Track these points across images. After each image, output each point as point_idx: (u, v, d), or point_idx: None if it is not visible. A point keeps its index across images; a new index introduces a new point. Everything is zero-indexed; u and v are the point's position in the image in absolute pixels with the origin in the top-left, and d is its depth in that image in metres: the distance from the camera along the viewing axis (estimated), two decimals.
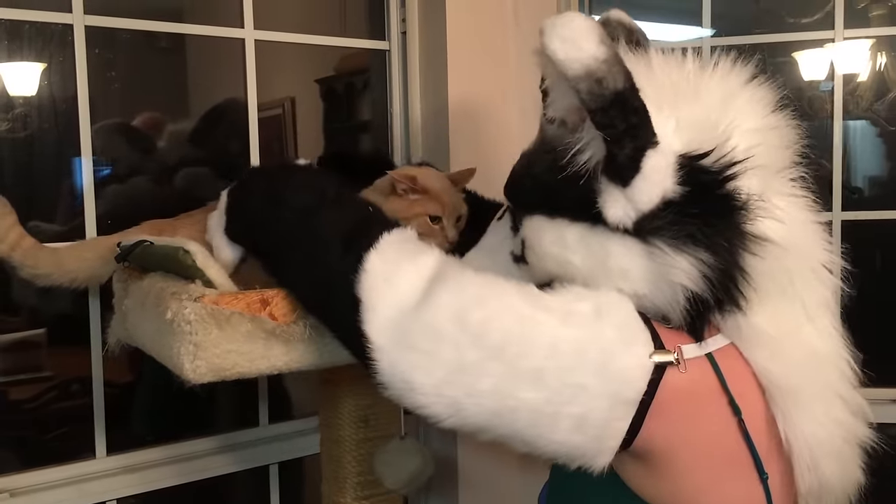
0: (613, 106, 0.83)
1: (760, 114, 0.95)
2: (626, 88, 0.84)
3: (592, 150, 0.88)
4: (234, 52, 1.62)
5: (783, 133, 0.96)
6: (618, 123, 0.84)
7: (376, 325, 0.92)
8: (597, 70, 0.82)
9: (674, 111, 0.90)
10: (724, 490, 0.91)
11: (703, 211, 0.86)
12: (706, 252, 0.86)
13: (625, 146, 0.85)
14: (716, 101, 0.92)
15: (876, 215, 1.86)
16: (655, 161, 0.86)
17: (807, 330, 0.94)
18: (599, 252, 0.90)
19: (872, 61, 1.88)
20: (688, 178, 0.86)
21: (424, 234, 1.19)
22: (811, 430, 0.91)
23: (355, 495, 1.45)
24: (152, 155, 1.70)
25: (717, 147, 0.87)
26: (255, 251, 1.11)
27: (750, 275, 0.88)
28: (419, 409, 0.90)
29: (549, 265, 0.97)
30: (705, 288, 0.86)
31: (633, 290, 0.90)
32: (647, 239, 0.87)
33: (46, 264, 1.26)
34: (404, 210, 1.20)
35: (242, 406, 1.72)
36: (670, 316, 0.90)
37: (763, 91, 0.96)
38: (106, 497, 1.49)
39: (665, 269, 0.87)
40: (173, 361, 1.03)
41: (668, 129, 0.88)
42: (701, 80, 0.94)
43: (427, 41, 1.75)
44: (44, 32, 1.45)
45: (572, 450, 0.88)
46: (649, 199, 0.86)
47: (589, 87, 0.83)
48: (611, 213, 0.88)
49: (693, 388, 0.89)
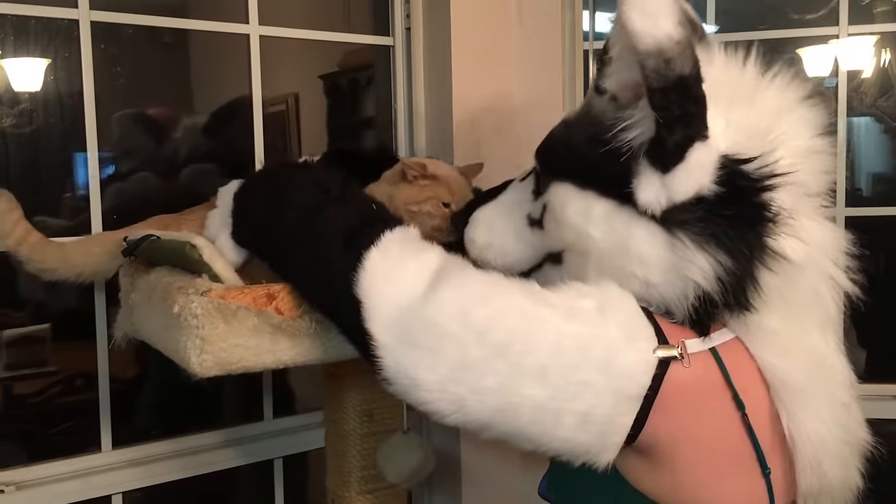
0: (675, 89, 0.83)
1: (809, 134, 0.94)
2: (692, 75, 0.83)
3: (641, 129, 0.88)
4: (239, 48, 1.63)
5: (825, 159, 0.96)
6: (675, 108, 0.84)
7: (379, 322, 0.92)
8: (668, 50, 0.82)
9: (726, 112, 0.89)
10: (725, 485, 0.91)
11: (733, 215, 0.86)
12: (726, 255, 0.85)
13: (676, 132, 0.85)
14: (770, 111, 0.92)
15: (879, 212, 1.86)
16: (701, 155, 0.86)
17: (811, 337, 0.94)
18: (622, 231, 0.90)
19: (877, 58, 1.88)
20: (726, 180, 0.86)
21: (435, 217, 1.21)
22: (815, 428, 0.91)
23: (359, 489, 1.45)
24: (165, 148, 1.70)
25: (762, 155, 0.87)
26: (261, 254, 1.12)
27: (761, 287, 0.88)
28: (423, 405, 0.90)
29: (567, 234, 0.97)
30: (717, 290, 0.86)
31: (646, 277, 0.89)
32: (672, 230, 0.87)
33: (53, 259, 1.26)
34: (415, 195, 1.21)
35: (247, 400, 1.72)
36: (675, 310, 0.90)
37: (815, 113, 0.96)
38: (111, 490, 1.51)
39: (683, 263, 0.86)
40: (180, 355, 1.03)
41: (718, 127, 0.88)
42: (759, 87, 0.94)
43: (431, 37, 1.76)
44: (49, 28, 1.45)
45: (577, 447, 0.88)
46: (685, 191, 0.86)
47: (656, 65, 0.82)
48: (643, 195, 0.88)
49: (697, 383, 0.89)
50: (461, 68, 1.70)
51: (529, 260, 1.07)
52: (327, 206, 1.02)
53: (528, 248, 1.07)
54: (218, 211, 1.16)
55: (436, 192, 1.22)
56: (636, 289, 0.91)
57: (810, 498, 0.94)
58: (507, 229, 1.09)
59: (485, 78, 1.75)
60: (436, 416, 0.90)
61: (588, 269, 0.95)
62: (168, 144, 1.73)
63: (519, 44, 1.79)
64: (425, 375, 0.88)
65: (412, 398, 0.91)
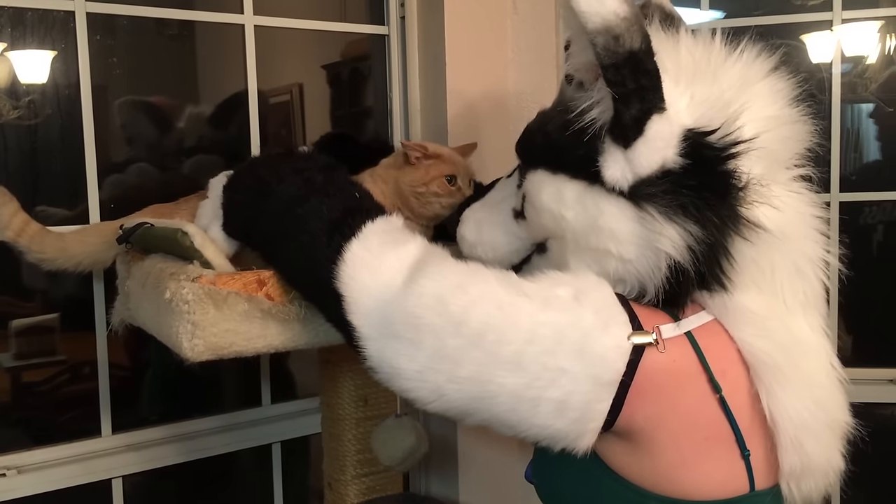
0: (626, 64, 0.85)
1: (776, 104, 0.95)
2: (642, 49, 0.85)
3: (601, 108, 0.90)
4: (240, 39, 1.64)
5: (796, 127, 0.97)
6: (628, 83, 0.85)
7: (361, 314, 0.94)
8: (616, 26, 0.84)
9: (690, 87, 0.91)
10: (703, 466, 0.92)
11: (699, 185, 0.87)
12: (695, 225, 0.87)
13: (631, 106, 0.87)
14: (733, 84, 0.93)
15: (873, 196, 1.86)
16: (660, 127, 0.87)
17: (793, 318, 0.95)
18: (593, 210, 0.91)
19: (882, 43, 1.87)
20: (690, 151, 0.88)
21: (443, 196, 1.23)
22: (795, 407, 0.91)
23: (355, 473, 1.48)
24: (170, 136, 1.72)
25: (724, 125, 0.88)
26: (251, 245, 1.14)
27: (734, 257, 0.89)
28: (404, 393, 0.92)
29: (545, 219, 0.98)
30: (689, 259, 0.87)
31: (619, 253, 0.91)
32: (641, 204, 0.88)
33: (52, 249, 1.28)
34: (420, 177, 1.23)
35: (246, 386, 1.74)
36: (648, 286, 0.91)
37: (783, 84, 0.97)
38: (111, 475, 1.53)
39: (653, 235, 0.88)
40: (172, 340, 1.05)
41: (682, 104, 0.90)
42: (723, 64, 0.95)
43: (426, 26, 1.76)
44: (46, 19, 1.47)
45: (555, 433, 0.89)
46: (648, 165, 0.88)
47: (605, 42, 0.84)
48: (609, 173, 0.90)
49: (673, 368, 0.90)
50: (456, 57, 1.71)
51: (518, 252, 1.09)
52: (310, 196, 1.03)
53: (516, 240, 1.08)
54: (209, 202, 1.18)
55: (440, 169, 1.23)
56: (613, 267, 0.92)
57: (793, 477, 0.95)
58: (495, 224, 1.11)
59: (480, 67, 1.75)
60: (418, 403, 0.92)
61: (567, 255, 0.97)
62: (169, 135, 1.74)
63: (514, 32, 1.79)
64: (405, 365, 0.90)
65: (395, 386, 0.93)
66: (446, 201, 1.24)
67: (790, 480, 0.96)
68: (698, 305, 0.94)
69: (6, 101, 1.46)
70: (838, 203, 1.82)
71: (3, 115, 1.46)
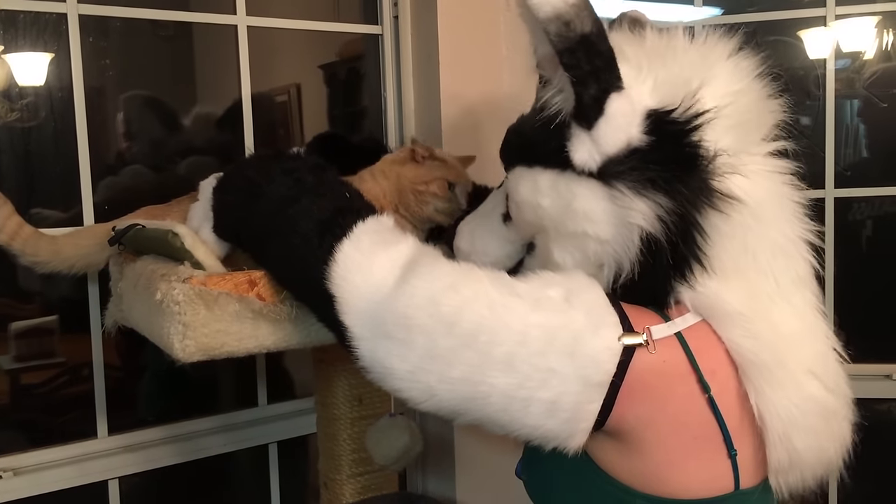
0: (579, 48, 0.87)
1: (740, 80, 0.96)
2: (593, 32, 0.87)
3: (564, 95, 0.92)
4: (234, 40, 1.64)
5: (763, 100, 0.98)
6: (583, 65, 0.88)
7: (353, 315, 0.95)
8: (565, 13, 0.86)
9: (652, 72, 0.93)
10: (691, 465, 0.92)
11: (665, 158, 0.89)
12: (665, 196, 0.88)
13: (589, 87, 0.89)
14: (692, 63, 0.95)
15: (868, 192, 1.86)
16: (620, 105, 0.89)
17: (779, 307, 0.95)
18: (566, 194, 0.93)
19: (879, 39, 1.87)
20: (654, 128, 0.90)
21: (440, 198, 1.25)
22: (784, 405, 0.92)
23: (350, 472, 1.48)
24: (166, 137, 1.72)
25: (683, 100, 0.90)
26: (242, 247, 1.14)
27: (706, 231, 0.90)
28: (397, 392, 0.93)
29: (526, 213, 1.00)
30: (661, 230, 0.89)
31: (596, 234, 0.92)
32: (610, 182, 0.90)
33: (46, 252, 1.29)
34: (423, 175, 1.26)
35: (242, 386, 1.75)
36: (624, 263, 0.92)
37: (747, 62, 0.98)
38: (107, 476, 1.53)
39: (625, 211, 0.89)
40: (164, 341, 1.06)
41: (646, 88, 0.92)
42: (686, 49, 0.97)
43: (419, 25, 1.76)
44: (38, 22, 1.47)
45: (546, 433, 0.89)
46: (613, 143, 0.90)
47: (557, 29, 0.86)
48: (577, 156, 0.92)
49: (662, 368, 0.90)
50: (449, 56, 1.71)
51: (511, 257, 1.11)
52: (301, 197, 1.04)
53: (507, 244, 1.10)
54: (199, 204, 1.18)
55: (444, 173, 1.27)
56: (592, 250, 0.93)
57: (780, 473, 0.95)
58: (487, 231, 1.13)
59: (474, 66, 1.75)
60: (410, 402, 0.93)
61: (550, 245, 0.98)
62: (164, 136, 1.74)
63: (507, 30, 1.79)
64: (397, 365, 0.91)
65: (387, 386, 0.93)
66: (441, 205, 1.26)
67: (778, 475, 0.96)
68: (684, 307, 0.94)
69: (4, 103, 1.46)
70: (833, 199, 1.81)
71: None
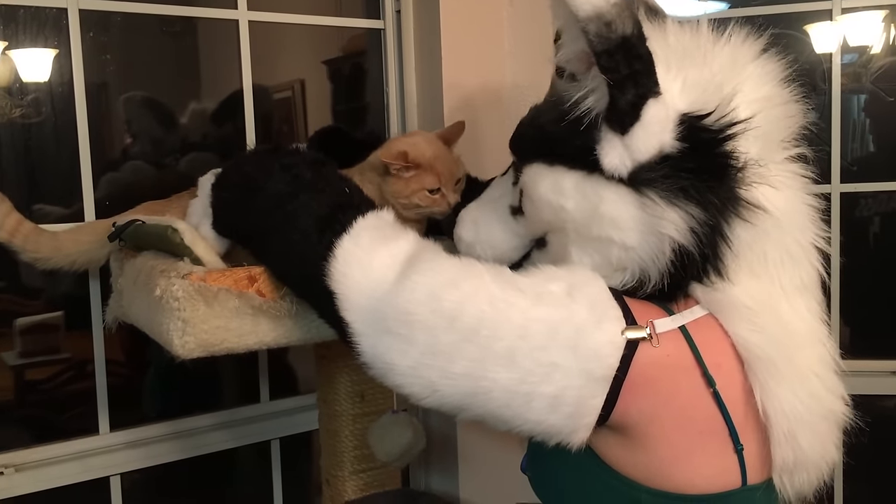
0: (619, 50, 0.85)
1: (766, 85, 0.95)
2: (634, 35, 0.85)
3: (596, 96, 0.90)
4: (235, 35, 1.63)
5: (788, 106, 0.97)
6: (622, 68, 0.85)
7: (354, 311, 0.94)
8: (607, 13, 0.84)
9: (681, 72, 0.91)
10: (697, 460, 0.91)
11: (698, 167, 0.87)
12: (697, 207, 0.87)
13: (627, 92, 0.86)
14: (723, 66, 0.93)
15: (874, 187, 1.84)
16: (656, 111, 0.87)
17: (784, 307, 0.94)
18: (593, 198, 0.91)
19: (886, 33, 1.85)
20: (687, 135, 0.88)
21: (426, 207, 1.21)
22: (789, 402, 0.91)
23: (352, 469, 1.47)
24: (167, 133, 1.71)
25: (718, 107, 0.88)
26: (242, 243, 1.14)
27: (732, 241, 0.89)
28: (398, 388, 0.92)
29: (544, 212, 0.98)
30: (692, 242, 0.87)
31: (622, 241, 0.90)
32: (641, 189, 0.88)
33: (47, 248, 1.29)
34: (403, 189, 1.21)
35: (244, 383, 1.74)
36: (652, 272, 0.90)
37: (772, 65, 0.97)
38: (109, 472, 1.53)
39: (655, 220, 0.88)
40: (163, 337, 1.05)
41: (675, 88, 0.90)
42: (712, 48, 0.95)
43: (421, 19, 1.75)
44: (38, 17, 1.46)
45: (549, 428, 0.89)
46: (646, 150, 0.88)
47: (598, 29, 0.84)
48: (607, 160, 0.89)
49: (667, 362, 0.90)
50: (452, 50, 1.70)
51: (517, 249, 1.09)
52: (300, 193, 1.03)
53: (514, 237, 1.08)
54: (198, 201, 1.17)
55: (422, 182, 1.21)
56: (616, 255, 0.92)
57: (785, 471, 0.95)
58: (492, 223, 1.11)
59: (476, 59, 1.74)
60: (412, 398, 0.92)
61: (569, 246, 0.96)
62: (165, 132, 1.73)
63: (510, 24, 1.78)
64: (398, 360, 0.90)
65: (388, 382, 0.93)
66: (429, 210, 1.23)
67: (783, 474, 0.95)
68: (692, 300, 0.93)
69: (7, 99, 1.46)
70: (839, 194, 1.79)
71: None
